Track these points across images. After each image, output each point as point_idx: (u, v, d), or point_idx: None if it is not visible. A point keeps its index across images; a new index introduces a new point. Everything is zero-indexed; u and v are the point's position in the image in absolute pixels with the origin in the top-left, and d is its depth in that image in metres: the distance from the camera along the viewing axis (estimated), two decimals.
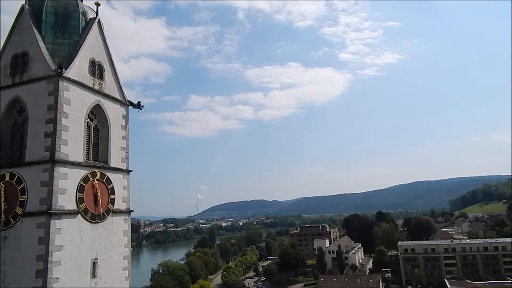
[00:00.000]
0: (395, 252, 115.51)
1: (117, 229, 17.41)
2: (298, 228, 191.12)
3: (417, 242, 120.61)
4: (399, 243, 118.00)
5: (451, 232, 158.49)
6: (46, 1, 17.26)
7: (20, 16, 16.92)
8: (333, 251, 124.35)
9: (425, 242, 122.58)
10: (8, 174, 15.08)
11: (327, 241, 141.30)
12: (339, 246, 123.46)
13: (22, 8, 16.97)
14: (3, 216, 14.58)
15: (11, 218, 14.49)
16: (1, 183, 14.99)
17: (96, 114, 17.65)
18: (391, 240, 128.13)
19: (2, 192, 14.78)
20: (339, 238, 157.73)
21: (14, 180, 14.88)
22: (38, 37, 16.40)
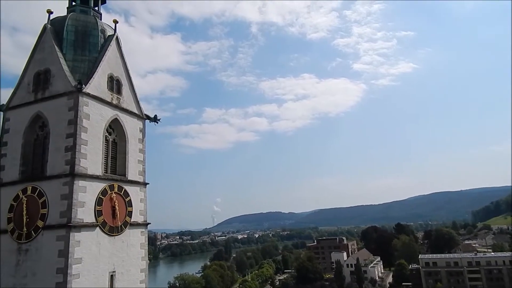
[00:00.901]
0: (416, 266, 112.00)
1: (134, 242, 17.54)
2: (315, 241, 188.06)
3: (439, 255, 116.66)
4: (420, 256, 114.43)
5: (474, 245, 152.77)
6: (67, 20, 17.96)
7: (42, 35, 17.62)
8: (351, 265, 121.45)
9: (447, 255, 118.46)
10: (30, 187, 15.48)
11: (345, 254, 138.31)
12: (358, 259, 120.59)
13: (45, 27, 17.68)
14: (24, 229, 14.92)
15: (32, 231, 14.82)
16: (24, 196, 15.39)
17: (114, 128, 18.02)
18: (411, 253, 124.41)
19: (24, 205, 15.17)
20: (357, 251, 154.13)
21: (36, 194, 15.26)
22: (60, 54, 17.01)
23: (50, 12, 17.98)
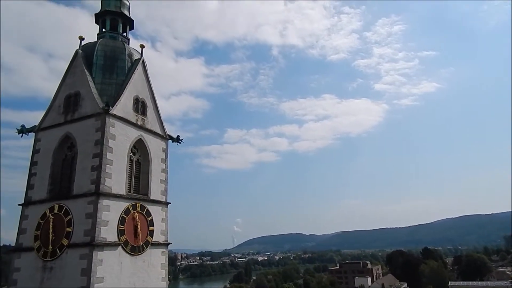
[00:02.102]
0: None
1: (155, 262, 17.55)
2: (338, 264, 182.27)
3: (470, 282, 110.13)
4: (449, 283, 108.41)
5: (509, 272, 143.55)
6: (97, 46, 18.89)
7: (74, 60, 18.55)
8: None
9: (479, 283, 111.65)
10: (57, 206, 15.93)
11: (369, 279, 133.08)
12: (383, 285, 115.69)
13: (76, 53, 18.63)
14: (50, 247, 15.25)
15: (57, 249, 15.12)
16: (51, 214, 15.83)
17: (138, 148, 18.46)
18: (440, 279, 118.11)
19: (51, 223, 15.57)
20: (382, 276, 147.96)
21: (62, 212, 15.66)
22: (89, 78, 17.81)
23: (81, 39, 18.99)
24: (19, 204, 17.10)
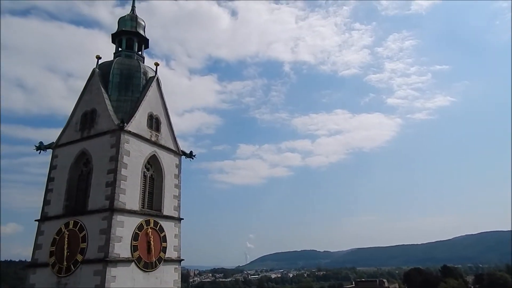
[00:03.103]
0: None
1: (168, 279, 17.44)
2: (353, 282, 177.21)
3: None
4: None
5: None
6: (113, 64, 19.42)
7: (91, 78, 19.09)
8: None
9: None
10: (72, 221, 16.10)
11: None
12: None
13: (93, 71, 19.17)
14: (65, 263, 15.35)
15: (72, 265, 15.20)
16: (66, 230, 15.99)
17: (152, 164, 18.64)
18: None
19: (66, 239, 15.71)
20: None
21: (77, 228, 15.81)
22: (105, 95, 18.25)
23: (98, 58, 19.57)
24: (35, 220, 17.38)
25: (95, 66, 19.33)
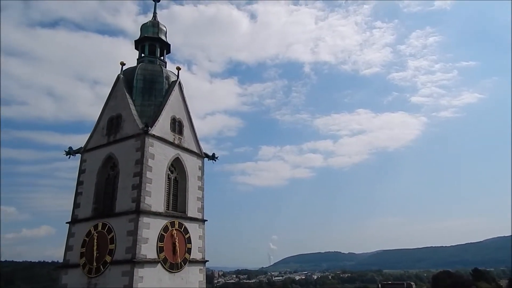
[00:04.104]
0: None
1: (193, 279, 17.68)
2: (380, 285, 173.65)
3: None
4: None
5: None
6: (137, 70, 19.93)
7: (116, 85, 19.66)
8: None
9: None
10: (101, 224, 16.61)
11: None
12: None
13: (118, 77, 19.74)
14: (95, 263, 15.85)
15: (101, 266, 15.68)
16: (95, 232, 16.52)
17: (176, 167, 18.97)
18: None
19: (95, 241, 16.22)
20: None
21: (105, 230, 16.30)
22: (130, 101, 18.74)
23: (123, 64, 20.15)
24: (66, 222, 18.04)
25: (119, 73, 19.89)
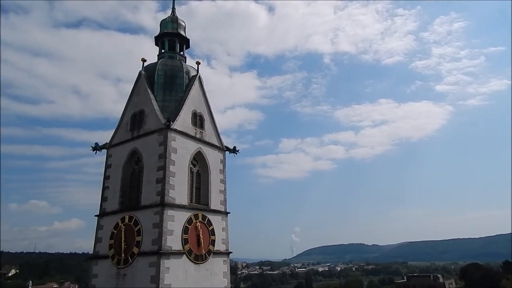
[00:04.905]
0: None
1: (217, 270, 18.00)
2: (405, 277, 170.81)
3: None
4: None
5: None
6: (157, 66, 20.23)
7: (138, 81, 20.05)
8: None
9: None
10: (127, 216, 17.14)
11: None
12: None
13: (140, 74, 20.12)
14: (123, 255, 16.41)
15: (129, 257, 16.22)
16: (122, 224, 17.07)
17: (198, 160, 19.25)
18: None
19: (123, 233, 16.77)
20: None
21: (132, 222, 16.81)
22: (152, 96, 19.09)
23: (144, 60, 20.49)
24: (95, 215, 18.72)
25: (141, 69, 20.27)
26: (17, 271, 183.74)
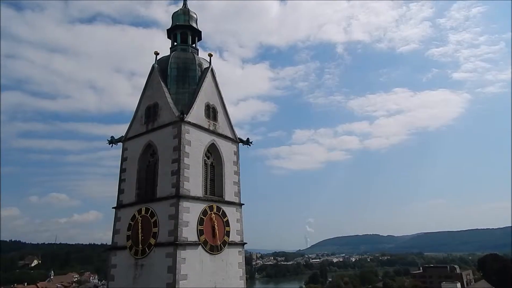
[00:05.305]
0: None
1: (232, 261, 18.20)
2: (421, 268, 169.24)
3: None
4: None
5: None
6: (170, 59, 20.29)
7: (151, 74, 20.18)
8: None
9: None
10: (144, 208, 17.43)
11: (459, 285, 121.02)
12: None
13: (153, 67, 20.24)
14: (140, 246, 16.73)
15: (146, 248, 16.54)
16: (139, 216, 17.38)
17: (212, 152, 19.35)
18: None
19: (140, 224, 17.07)
20: (474, 282, 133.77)
21: (149, 214, 17.09)
22: (165, 89, 19.20)
23: (157, 54, 20.57)
24: (112, 207, 19.11)
25: (154, 62, 20.37)
26: (40, 261, 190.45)
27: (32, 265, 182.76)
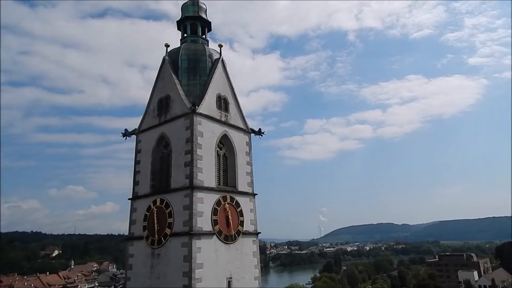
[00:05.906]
0: None
1: (247, 250, 18.42)
2: (437, 256, 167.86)
3: None
4: None
5: None
6: (181, 51, 20.31)
7: (162, 67, 20.27)
8: (484, 286, 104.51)
9: None
10: (159, 199, 17.73)
11: (475, 273, 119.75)
12: (493, 280, 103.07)
13: (164, 59, 20.32)
14: (156, 236, 17.09)
15: (162, 238, 16.88)
16: (154, 207, 17.70)
17: (224, 143, 19.45)
18: None
19: (155, 215, 17.40)
20: (491, 270, 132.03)
21: (163, 205, 17.38)
22: (176, 81, 19.29)
23: (167, 46, 20.61)
24: (128, 199, 19.49)
25: (165, 55, 20.44)
26: (60, 251, 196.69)
27: (53, 255, 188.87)
